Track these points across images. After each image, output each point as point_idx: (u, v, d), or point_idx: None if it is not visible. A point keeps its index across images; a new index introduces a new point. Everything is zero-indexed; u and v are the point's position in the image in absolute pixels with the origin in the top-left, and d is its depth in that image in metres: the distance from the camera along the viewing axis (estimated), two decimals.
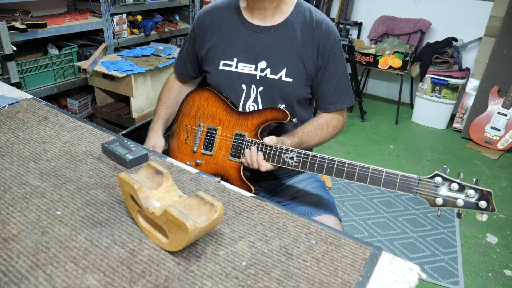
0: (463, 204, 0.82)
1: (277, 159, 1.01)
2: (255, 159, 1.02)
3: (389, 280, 0.60)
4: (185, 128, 1.19)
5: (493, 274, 1.82)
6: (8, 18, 2.00)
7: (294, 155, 0.99)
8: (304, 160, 0.98)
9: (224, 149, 1.10)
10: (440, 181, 0.84)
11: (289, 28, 1.08)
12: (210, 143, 1.13)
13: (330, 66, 1.10)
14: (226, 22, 1.14)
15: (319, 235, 0.70)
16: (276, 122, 1.07)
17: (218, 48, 1.14)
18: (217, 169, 1.11)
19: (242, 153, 1.07)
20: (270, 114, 1.06)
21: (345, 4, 3.76)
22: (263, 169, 1.01)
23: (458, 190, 0.82)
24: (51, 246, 0.62)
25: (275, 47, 1.08)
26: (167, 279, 0.58)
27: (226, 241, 0.67)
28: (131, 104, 2.33)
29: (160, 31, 2.89)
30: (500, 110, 3.00)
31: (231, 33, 1.13)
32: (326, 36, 1.08)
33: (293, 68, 1.08)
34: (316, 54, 1.08)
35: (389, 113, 3.70)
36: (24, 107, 1.11)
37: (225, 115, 1.13)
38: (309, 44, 1.08)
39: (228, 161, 1.09)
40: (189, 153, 1.16)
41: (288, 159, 1.00)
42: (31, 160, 0.85)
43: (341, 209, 2.23)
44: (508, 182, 2.62)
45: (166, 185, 0.69)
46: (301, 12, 1.10)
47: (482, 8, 3.31)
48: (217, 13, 1.16)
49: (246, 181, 1.06)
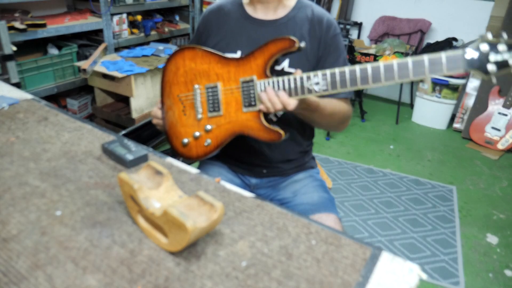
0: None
1: (300, 90, 0.91)
2: (276, 99, 0.91)
3: (389, 281, 0.60)
4: (177, 99, 1.06)
5: (493, 274, 1.82)
6: (8, 18, 2.00)
7: (319, 79, 0.89)
8: (332, 79, 0.88)
9: (234, 102, 0.99)
10: (488, 48, 0.79)
11: (291, 21, 1.10)
12: (215, 102, 1.01)
13: (330, 57, 1.11)
14: (230, 18, 1.15)
15: (319, 235, 0.69)
16: (284, 54, 0.95)
17: (223, 43, 1.14)
18: (233, 128, 1.00)
19: (256, 100, 0.96)
20: (274, 47, 0.94)
21: (345, 4, 3.76)
22: (290, 108, 0.90)
23: (507, 50, 0.77)
24: (51, 246, 0.62)
25: None
26: (167, 279, 0.58)
27: (226, 241, 0.67)
28: (131, 104, 2.33)
29: (160, 31, 2.89)
30: (501, 110, 3.00)
31: (235, 27, 1.13)
32: (326, 29, 1.10)
33: (295, 59, 1.09)
34: (317, 46, 1.10)
35: (389, 113, 3.70)
36: (24, 107, 1.11)
37: (221, 67, 1.00)
38: (310, 36, 1.10)
39: (243, 114, 0.98)
40: (193, 123, 1.04)
41: (314, 86, 0.90)
42: (31, 160, 0.85)
43: (341, 209, 2.23)
44: (509, 182, 2.62)
45: (166, 185, 0.69)
46: (303, 7, 1.12)
47: (482, 8, 3.31)
48: (221, 11, 1.17)
49: (271, 128, 0.96)
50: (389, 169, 2.70)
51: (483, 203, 2.37)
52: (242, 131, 1.00)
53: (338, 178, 2.55)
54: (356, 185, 2.48)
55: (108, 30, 2.50)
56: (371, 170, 2.66)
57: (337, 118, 1.11)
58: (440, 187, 2.51)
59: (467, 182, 2.61)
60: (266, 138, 0.99)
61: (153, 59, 2.48)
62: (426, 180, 2.58)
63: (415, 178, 2.60)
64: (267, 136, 0.97)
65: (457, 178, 2.65)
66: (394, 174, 2.64)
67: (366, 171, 2.65)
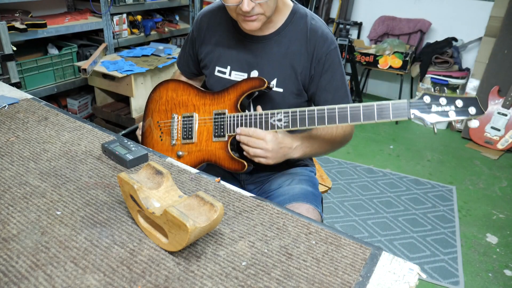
0: (455, 114, 0.85)
1: (265, 125, 0.98)
2: (254, 133, 0.98)
3: (389, 280, 0.60)
4: (157, 125, 1.16)
5: (493, 274, 1.82)
6: (8, 18, 2.00)
7: (282, 116, 0.97)
8: (293, 117, 0.96)
9: (206, 132, 1.07)
10: (429, 99, 0.86)
11: (281, 37, 1.07)
12: (189, 131, 1.10)
13: (326, 74, 1.07)
14: (222, 28, 1.14)
15: (319, 235, 0.70)
16: (254, 91, 1.04)
17: (214, 54, 1.15)
18: (202, 156, 1.08)
19: (226, 131, 1.04)
20: (246, 85, 1.04)
21: (345, 4, 3.76)
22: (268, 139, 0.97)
23: (447, 103, 0.85)
24: (51, 246, 0.62)
25: (267, 57, 1.08)
26: (167, 279, 0.58)
27: (226, 241, 0.67)
28: (131, 104, 2.33)
29: (160, 31, 2.89)
30: (500, 110, 3.00)
31: (226, 40, 1.13)
32: (320, 44, 1.06)
33: (284, 77, 1.07)
34: (309, 63, 1.07)
35: None
36: (24, 107, 1.11)
37: (199, 99, 1.10)
38: (302, 53, 1.06)
39: (212, 144, 1.06)
40: (167, 149, 1.13)
41: (277, 122, 0.97)
42: (31, 160, 0.85)
43: (341, 209, 2.23)
44: (508, 182, 2.62)
45: (166, 185, 0.69)
46: (296, 20, 1.08)
47: (482, 8, 3.31)
48: (214, 17, 1.15)
49: (236, 158, 1.03)
50: (389, 169, 2.70)
51: (482, 203, 2.37)
52: (210, 159, 1.07)
53: (338, 178, 2.55)
54: (356, 185, 2.48)
55: (108, 30, 2.50)
56: (371, 170, 2.67)
57: (337, 139, 1.11)
58: (439, 187, 2.51)
59: (467, 182, 2.61)
60: (231, 168, 1.05)
61: (153, 59, 2.48)
62: (425, 180, 2.58)
63: (415, 178, 2.60)
64: (232, 166, 1.04)
65: (456, 178, 2.65)
66: (394, 174, 2.64)
67: (366, 171, 2.65)
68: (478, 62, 3.20)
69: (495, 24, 3.10)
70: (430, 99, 0.86)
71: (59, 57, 2.32)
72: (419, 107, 0.87)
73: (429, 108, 0.86)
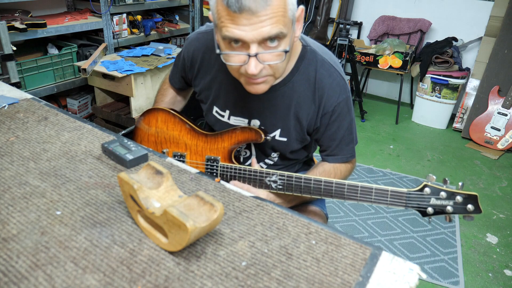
0: (452, 210, 0.83)
1: (259, 183, 0.95)
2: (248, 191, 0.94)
3: (389, 280, 0.60)
4: None
5: (493, 274, 1.82)
6: (8, 18, 2.00)
7: (277, 178, 0.93)
8: (288, 182, 0.93)
9: None
10: (429, 192, 0.84)
11: (287, 88, 0.97)
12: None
13: (332, 125, 1.01)
14: (218, 68, 1.02)
15: (319, 235, 0.70)
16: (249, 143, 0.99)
17: (210, 93, 1.06)
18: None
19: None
20: (242, 136, 0.99)
21: (345, 4, 3.76)
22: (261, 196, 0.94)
23: (446, 198, 0.83)
24: (51, 246, 0.62)
25: (270, 108, 1.00)
26: (167, 279, 0.58)
27: (226, 241, 0.67)
28: (131, 104, 2.33)
29: (160, 31, 2.89)
30: (500, 110, 3.00)
31: (225, 82, 1.02)
32: (328, 97, 0.97)
33: (288, 128, 1.02)
34: (315, 115, 1.00)
35: (389, 113, 3.70)
36: (24, 107, 1.11)
37: (191, 139, 1.05)
38: (308, 105, 0.98)
39: None
40: None
41: (271, 183, 0.94)
42: (31, 160, 0.85)
43: (341, 209, 2.23)
44: (508, 182, 2.62)
45: (166, 185, 0.69)
46: (303, 69, 0.96)
47: (482, 8, 3.31)
48: (209, 52, 1.03)
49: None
50: (389, 169, 2.70)
51: (482, 203, 2.37)
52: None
53: None
54: None
55: (108, 30, 2.50)
56: (371, 170, 2.66)
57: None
58: None
59: (467, 182, 2.61)
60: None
61: (153, 58, 2.48)
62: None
63: (415, 178, 2.60)
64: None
65: (457, 178, 2.65)
66: (394, 174, 2.64)
67: (366, 171, 2.65)
68: (478, 62, 3.20)
69: (495, 24, 3.10)
70: (430, 191, 0.83)
71: (59, 57, 2.32)
72: (418, 199, 0.85)
73: (427, 201, 0.84)
